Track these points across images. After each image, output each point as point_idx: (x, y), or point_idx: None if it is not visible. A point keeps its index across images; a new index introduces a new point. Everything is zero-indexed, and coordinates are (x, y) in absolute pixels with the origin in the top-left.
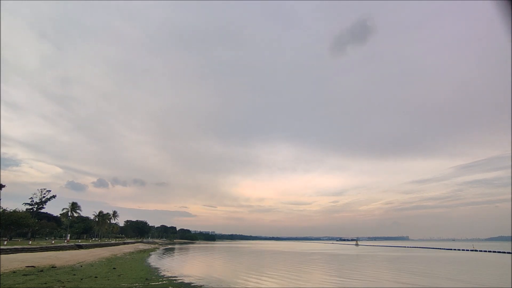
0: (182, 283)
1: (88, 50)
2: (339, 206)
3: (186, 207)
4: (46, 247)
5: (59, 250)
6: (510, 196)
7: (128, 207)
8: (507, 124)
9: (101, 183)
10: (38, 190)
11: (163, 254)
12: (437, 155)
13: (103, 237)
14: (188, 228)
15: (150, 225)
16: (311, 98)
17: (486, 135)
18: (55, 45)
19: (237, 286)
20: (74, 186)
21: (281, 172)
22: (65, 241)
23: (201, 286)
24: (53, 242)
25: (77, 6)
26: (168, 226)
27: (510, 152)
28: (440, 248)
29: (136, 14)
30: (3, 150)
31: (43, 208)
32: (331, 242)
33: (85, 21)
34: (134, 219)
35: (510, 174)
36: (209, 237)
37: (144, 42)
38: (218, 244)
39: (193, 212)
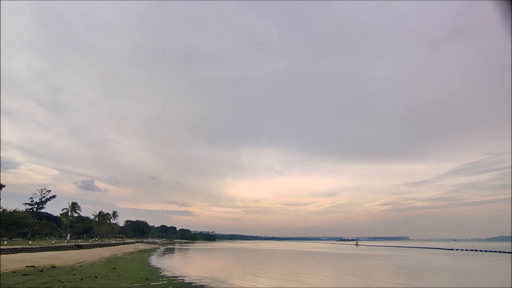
0: (182, 283)
1: (74, 63)
2: (338, 206)
3: (186, 207)
4: (46, 247)
5: (59, 250)
6: (510, 196)
7: (128, 207)
8: (504, 125)
9: (99, 185)
10: (38, 190)
11: (164, 254)
12: (427, 158)
13: (103, 237)
14: (188, 228)
15: (150, 225)
16: (300, 107)
17: (481, 137)
18: (42, 59)
19: (237, 286)
20: (73, 187)
21: (278, 175)
22: (65, 241)
23: (201, 286)
24: (53, 242)
25: (60, 25)
26: (168, 226)
27: (510, 153)
28: (442, 248)
29: (119, 34)
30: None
31: (43, 208)
32: (331, 242)
33: (69, 39)
34: (134, 219)
35: (510, 175)
36: (209, 237)
37: (127, 58)
38: (219, 244)
39: (193, 212)
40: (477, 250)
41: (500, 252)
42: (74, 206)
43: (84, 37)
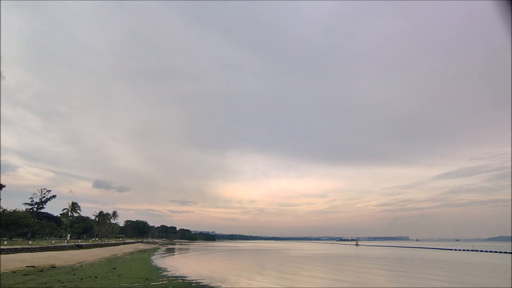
0: (183, 283)
1: (61, 77)
2: (337, 207)
3: (186, 206)
4: (46, 247)
5: (59, 250)
6: (510, 196)
7: (127, 207)
8: (493, 130)
9: (99, 186)
10: (38, 190)
11: (164, 254)
12: (419, 161)
13: (103, 237)
14: (188, 228)
15: (150, 225)
16: (294, 118)
17: (484, 133)
18: (28, 71)
19: (238, 286)
20: (72, 188)
21: (277, 178)
22: (65, 241)
23: (202, 286)
24: (53, 242)
25: (47, 45)
26: (168, 226)
27: (510, 155)
28: (442, 248)
29: (103, 55)
30: None
31: (43, 208)
32: (331, 242)
33: (55, 56)
34: (134, 219)
35: (510, 175)
36: (209, 237)
37: (112, 75)
38: (219, 244)
39: (193, 212)
40: (477, 250)
41: (500, 252)
42: (74, 206)
43: (70, 56)
